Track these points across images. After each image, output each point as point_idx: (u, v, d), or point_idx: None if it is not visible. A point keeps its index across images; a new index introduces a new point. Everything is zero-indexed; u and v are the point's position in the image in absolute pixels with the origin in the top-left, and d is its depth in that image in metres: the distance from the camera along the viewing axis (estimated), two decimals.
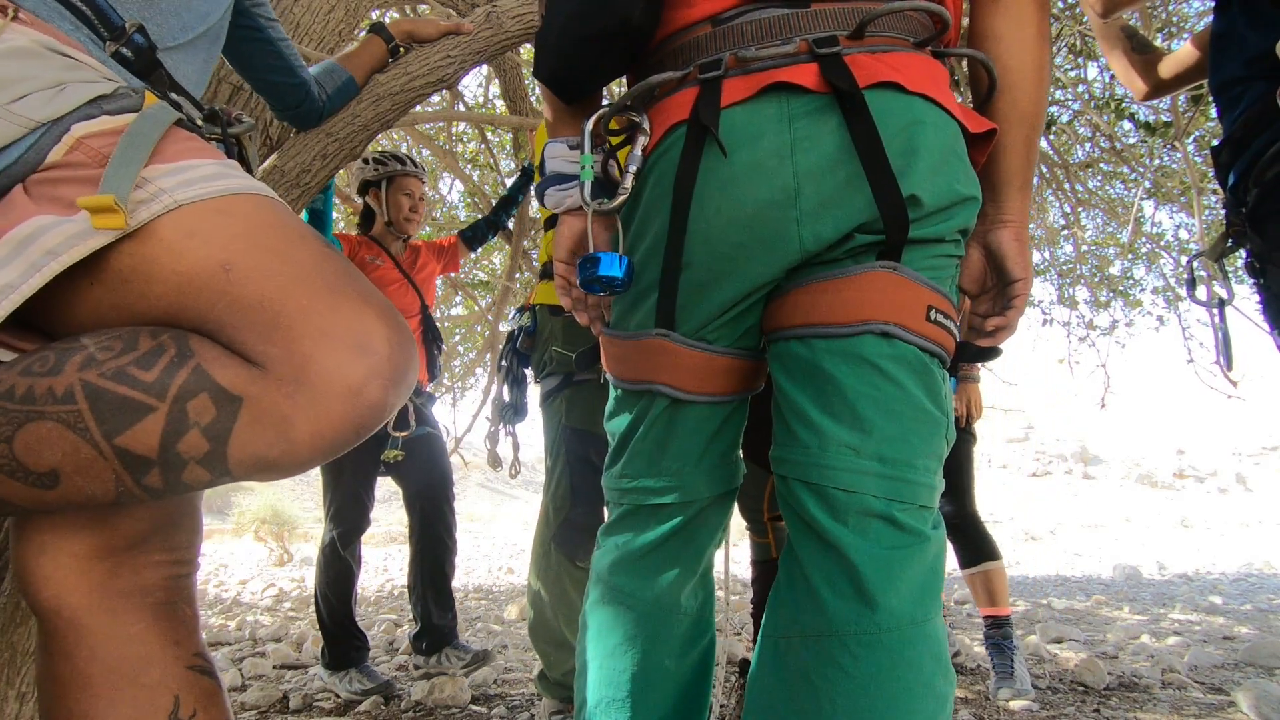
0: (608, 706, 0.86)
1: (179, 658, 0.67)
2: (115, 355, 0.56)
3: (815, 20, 0.79)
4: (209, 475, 0.58)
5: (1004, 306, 0.89)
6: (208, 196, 0.60)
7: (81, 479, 0.56)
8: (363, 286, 0.62)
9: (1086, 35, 3.53)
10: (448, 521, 2.53)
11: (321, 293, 0.58)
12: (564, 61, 0.88)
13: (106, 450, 0.55)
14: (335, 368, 0.56)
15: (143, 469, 0.56)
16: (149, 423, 0.55)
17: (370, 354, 0.58)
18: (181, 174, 0.60)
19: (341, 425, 0.57)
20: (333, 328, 0.57)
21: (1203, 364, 3.95)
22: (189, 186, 0.59)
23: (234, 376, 0.56)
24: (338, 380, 0.56)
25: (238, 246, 0.58)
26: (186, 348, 0.57)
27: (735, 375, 0.88)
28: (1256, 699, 1.92)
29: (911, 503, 0.75)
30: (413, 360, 0.62)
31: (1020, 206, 0.87)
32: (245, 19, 1.28)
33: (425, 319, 2.69)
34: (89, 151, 0.59)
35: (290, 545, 10.93)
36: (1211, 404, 13.68)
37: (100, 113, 0.61)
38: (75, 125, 0.59)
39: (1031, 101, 0.84)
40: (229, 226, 0.59)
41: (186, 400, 0.56)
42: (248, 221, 0.60)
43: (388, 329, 0.60)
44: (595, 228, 0.91)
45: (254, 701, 2.20)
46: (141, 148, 0.58)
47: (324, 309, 0.57)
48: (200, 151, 0.63)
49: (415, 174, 2.69)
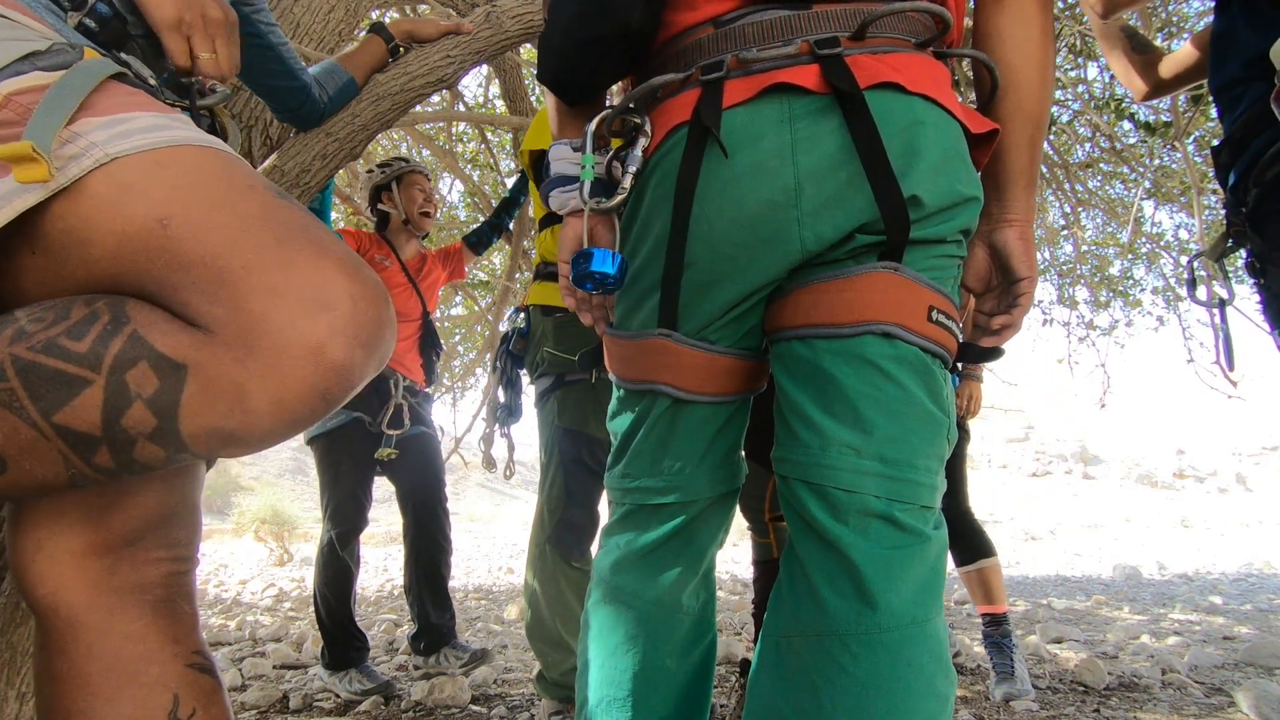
0: (609, 705, 0.86)
1: (178, 655, 0.66)
2: (46, 326, 0.52)
3: (817, 21, 0.79)
4: (164, 452, 0.54)
5: (1009, 305, 0.89)
6: (144, 149, 0.55)
7: (28, 462, 0.53)
8: (320, 236, 0.57)
9: (1086, 35, 3.53)
10: (441, 522, 2.53)
11: (270, 245, 0.53)
12: (566, 64, 0.88)
13: (46, 429, 0.52)
14: (289, 327, 0.51)
15: (89, 448, 0.53)
16: (87, 397, 0.51)
17: (329, 309, 0.53)
18: (115, 126, 0.56)
19: (303, 391, 0.52)
20: (284, 283, 0.52)
21: (1203, 364, 3.96)
22: (123, 139, 0.55)
23: (176, 342, 0.52)
24: (293, 340, 0.51)
25: (177, 199, 0.54)
26: (122, 314, 0.53)
27: (737, 375, 0.88)
28: (1256, 699, 1.92)
29: (912, 503, 0.75)
30: (382, 316, 0.57)
31: (1025, 205, 0.87)
32: (246, 25, 1.27)
33: (425, 324, 2.71)
34: (17, 108, 0.55)
35: (290, 545, 10.93)
36: (1211, 404, 13.70)
37: (32, 69, 0.57)
38: (3, 82, 0.56)
39: (1036, 101, 0.84)
40: (167, 178, 0.55)
41: (124, 370, 0.52)
42: (189, 173, 0.56)
43: (350, 282, 0.55)
44: (595, 227, 0.91)
45: (254, 701, 2.20)
46: (69, 98, 0.55)
47: (274, 263, 0.53)
48: (140, 105, 0.59)
49: (420, 169, 2.75)
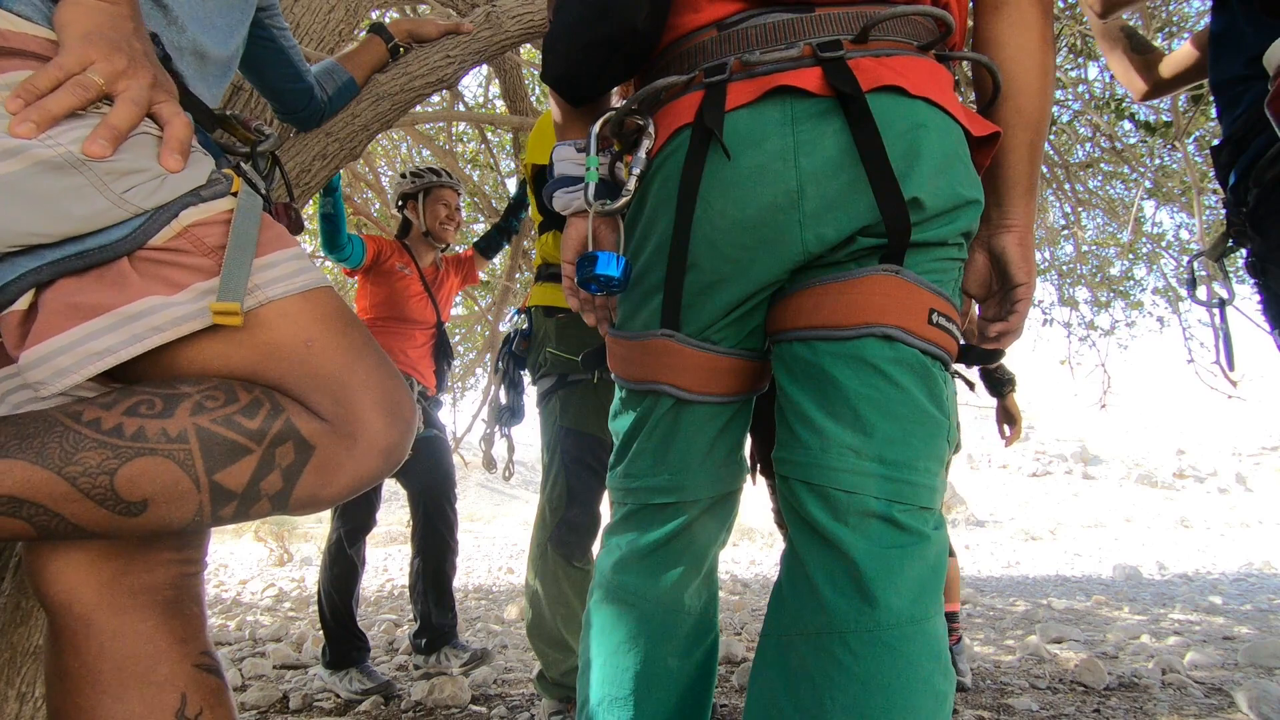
0: (610, 705, 0.86)
1: (186, 656, 0.68)
2: (221, 405, 0.66)
3: (819, 24, 0.79)
4: (270, 508, 0.67)
5: (1007, 311, 0.89)
6: (293, 292, 0.71)
7: (169, 508, 0.63)
8: (392, 365, 0.75)
9: (1086, 35, 3.53)
10: (449, 521, 2.55)
11: (374, 369, 0.71)
12: (570, 65, 0.88)
13: (204, 483, 0.64)
14: (381, 429, 0.69)
15: (225, 501, 0.65)
16: (245, 463, 0.65)
17: (403, 420, 0.71)
18: (271, 270, 0.70)
19: (373, 473, 0.70)
20: (383, 398, 0.70)
21: (1203, 364, 3.95)
22: (278, 283, 0.70)
23: (311, 429, 0.67)
24: (382, 439, 0.69)
25: (316, 328, 0.70)
26: (278, 402, 0.67)
27: (739, 376, 0.88)
28: (1256, 699, 1.92)
29: (912, 504, 0.76)
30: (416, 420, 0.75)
31: (1025, 211, 0.87)
32: (259, 29, 1.29)
33: (439, 332, 2.74)
34: (194, 240, 0.68)
35: (290, 545, 10.92)
36: (1211, 404, 13.72)
37: (199, 200, 0.70)
38: (183, 212, 0.68)
39: (1035, 107, 0.84)
40: (309, 312, 0.71)
41: (277, 446, 0.66)
42: (322, 308, 0.72)
43: (411, 401, 0.74)
44: (599, 229, 0.91)
45: (254, 701, 2.21)
46: (248, 249, 0.69)
47: (376, 382, 0.71)
48: (281, 240, 0.73)
49: (451, 185, 2.80)
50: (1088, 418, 27.88)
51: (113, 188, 0.65)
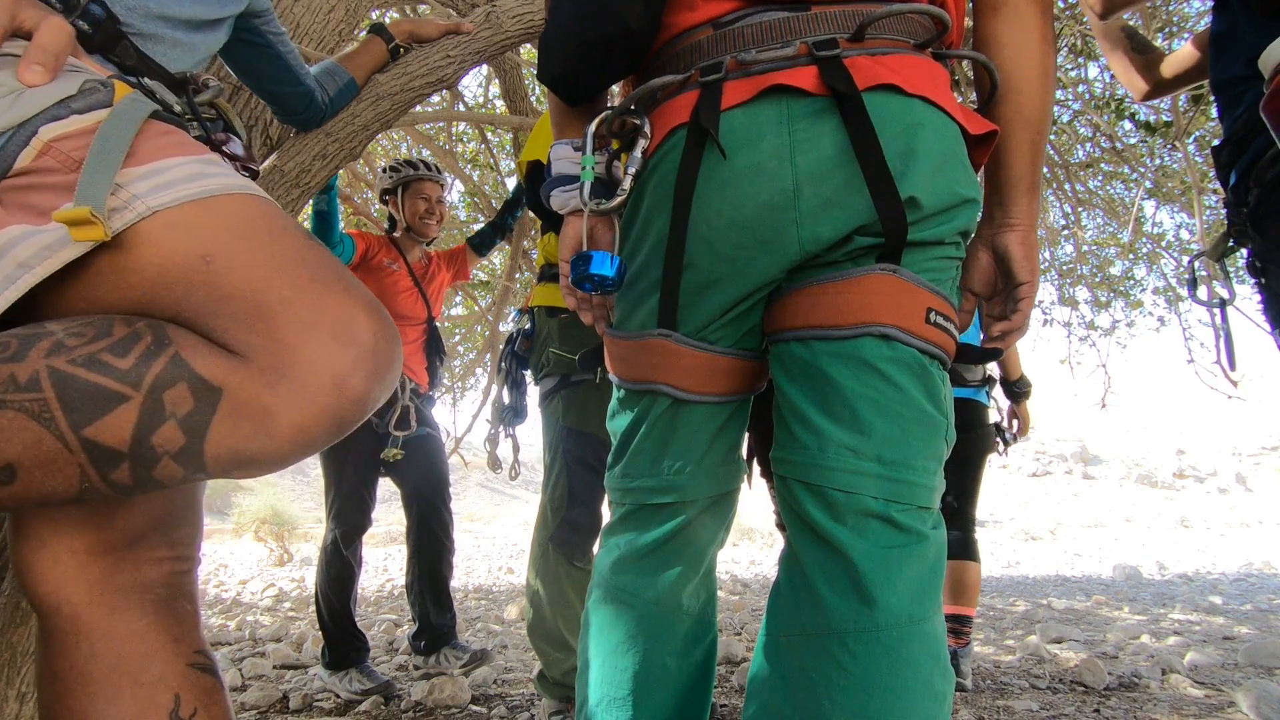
0: (609, 705, 0.86)
1: (180, 655, 0.67)
2: (87, 341, 0.54)
3: (815, 23, 0.79)
4: (182, 471, 0.56)
5: (1010, 309, 0.89)
6: (186, 199, 0.58)
7: (42, 473, 0.53)
8: (347, 278, 0.61)
9: (1086, 35, 3.53)
10: (444, 521, 2.54)
11: (305, 283, 0.57)
12: (566, 65, 0.88)
13: (73, 442, 0.52)
14: (319, 358, 0.55)
15: (111, 463, 0.54)
16: (121, 413, 0.53)
17: (354, 345, 0.57)
18: (156, 176, 0.58)
19: (323, 418, 0.56)
20: (317, 318, 0.56)
21: (1203, 364, 3.95)
22: (164, 190, 0.58)
23: (214, 366, 0.54)
24: (322, 371, 0.55)
25: (219, 239, 0.57)
26: (164, 335, 0.55)
27: (737, 376, 0.88)
28: (1256, 699, 1.92)
29: (910, 503, 0.75)
30: (396, 353, 0.61)
31: (1027, 210, 0.87)
32: (254, 35, 1.28)
33: (430, 328, 2.72)
34: (59, 156, 0.57)
35: (290, 545, 10.92)
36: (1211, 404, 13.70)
37: (68, 112, 0.59)
38: (43, 128, 0.58)
39: (1036, 106, 0.84)
40: (210, 220, 0.58)
41: (163, 390, 0.53)
42: (229, 216, 0.59)
43: (372, 320, 0.59)
44: (595, 228, 0.91)
45: (254, 701, 2.21)
46: (114, 151, 0.57)
47: (308, 299, 0.57)
48: (178, 147, 0.61)
49: (431, 178, 2.74)
50: (1088, 418, 27.89)
51: None
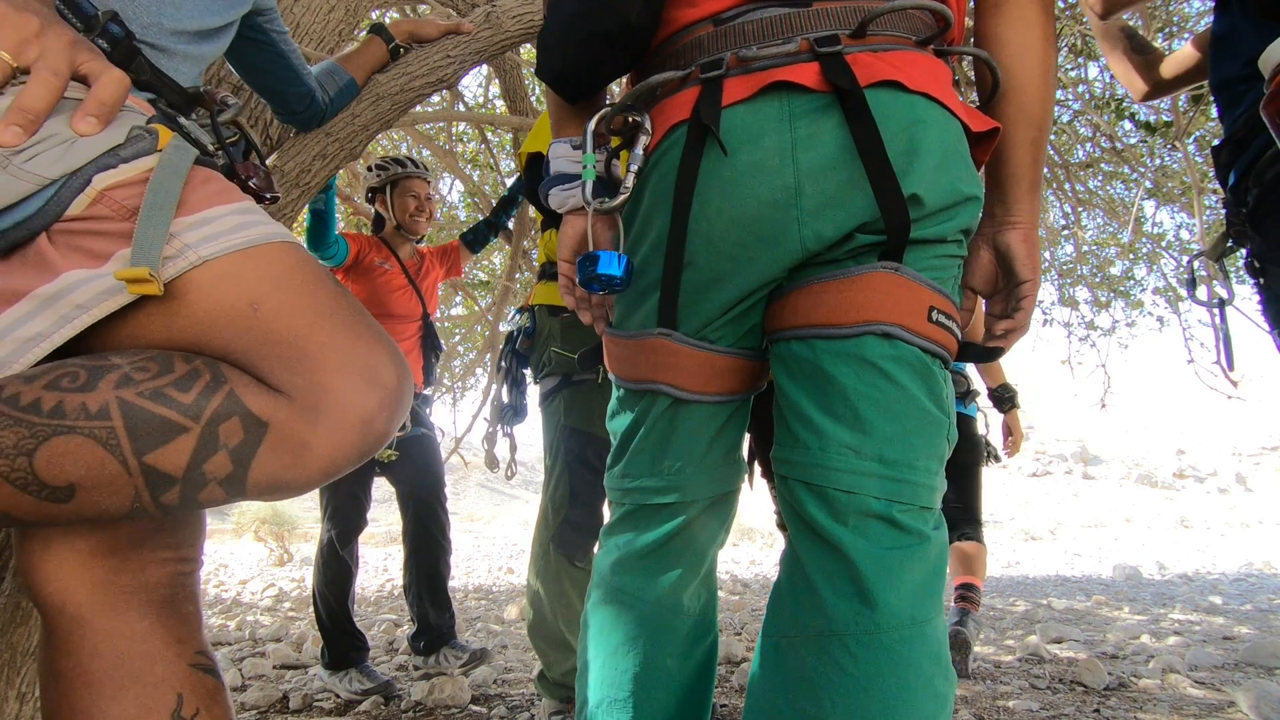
0: (609, 706, 0.86)
1: (182, 655, 0.67)
2: (152, 377, 0.58)
3: (817, 19, 0.79)
4: (224, 495, 0.61)
5: (1013, 308, 0.89)
6: (234, 249, 0.62)
7: (99, 494, 0.57)
8: (373, 324, 0.67)
9: (1086, 35, 3.53)
10: (440, 521, 2.53)
11: (340, 330, 0.63)
12: (566, 62, 0.88)
13: (134, 467, 0.57)
14: (352, 399, 0.61)
15: (164, 487, 0.58)
16: (181, 442, 0.58)
17: (381, 388, 0.63)
18: (205, 226, 0.62)
19: (351, 451, 0.62)
20: (350, 362, 0.62)
21: (1203, 364, 3.95)
22: (213, 241, 0.62)
23: (263, 404, 0.60)
24: (353, 410, 0.61)
25: (264, 288, 0.62)
26: (220, 374, 0.60)
27: (737, 375, 0.88)
28: (1256, 699, 1.92)
29: (912, 504, 0.75)
30: (410, 390, 0.67)
31: (1029, 208, 0.87)
32: (258, 33, 1.29)
33: (426, 325, 2.71)
34: (112, 204, 0.61)
35: (290, 545, 10.91)
36: (1211, 404, 13.71)
37: (118, 161, 0.62)
38: (96, 176, 0.61)
39: (1038, 105, 0.84)
40: (256, 270, 0.63)
41: (219, 423, 0.58)
42: (272, 265, 0.64)
43: (394, 364, 0.65)
44: (597, 227, 0.91)
45: (254, 701, 2.20)
46: (165, 208, 0.60)
47: (343, 345, 0.62)
48: (220, 195, 0.65)
49: (418, 175, 2.71)
50: (1088, 418, 27.90)
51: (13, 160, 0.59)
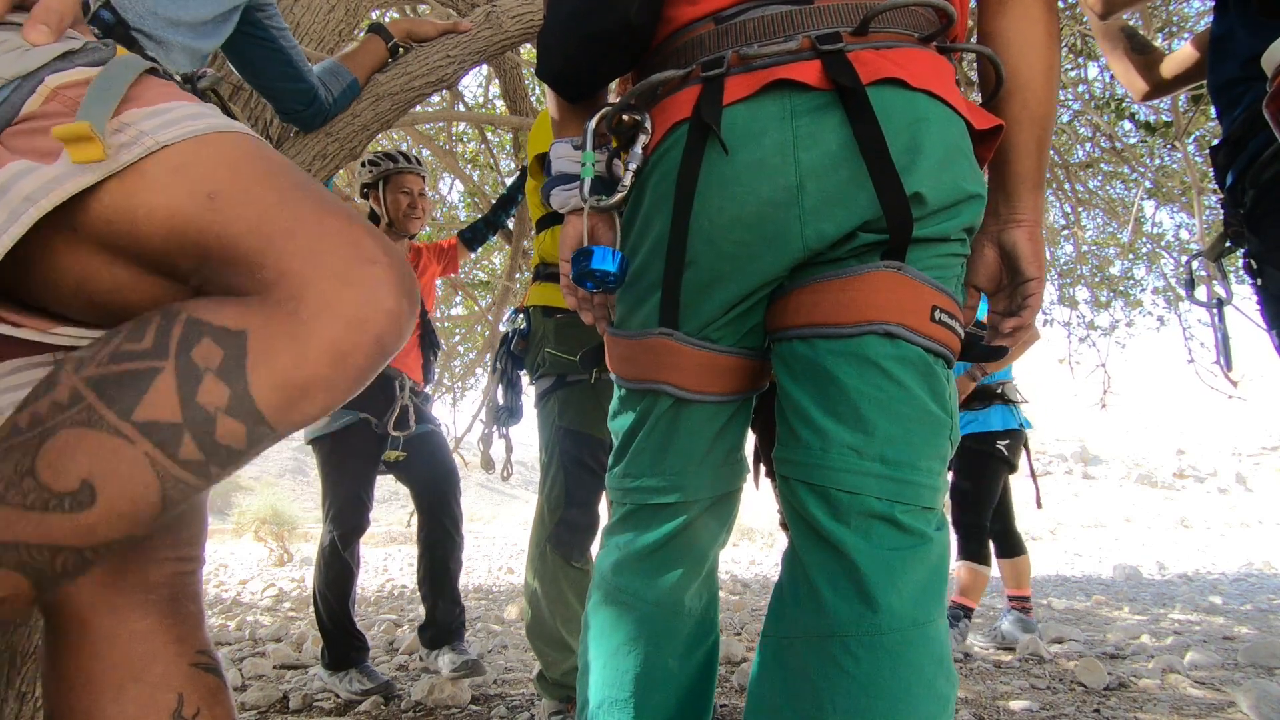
0: (610, 707, 0.86)
1: (183, 655, 0.67)
2: (103, 344, 0.55)
3: (818, 16, 0.78)
4: (243, 425, 0.55)
5: (1019, 306, 0.89)
6: (189, 136, 0.59)
7: (118, 482, 0.53)
8: (348, 208, 0.62)
9: (1086, 35, 3.53)
10: (455, 515, 2.50)
11: (306, 210, 0.58)
12: (566, 61, 0.88)
13: (129, 430, 0.53)
14: (332, 286, 0.55)
15: (173, 440, 0.53)
16: (160, 385, 0.53)
17: (373, 262, 0.57)
18: (160, 115, 0.60)
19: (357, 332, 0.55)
20: (323, 244, 0.56)
21: (1203, 364, 3.95)
22: (170, 127, 0.59)
23: (230, 314, 0.55)
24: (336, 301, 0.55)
25: (221, 175, 0.58)
26: (172, 309, 0.56)
27: (739, 374, 0.88)
28: (1256, 699, 1.92)
29: (914, 504, 0.75)
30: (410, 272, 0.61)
31: (1033, 206, 0.87)
32: (257, 29, 1.28)
33: (424, 323, 2.70)
34: (64, 100, 0.59)
35: (290, 545, 10.91)
36: (1211, 404, 13.71)
37: (73, 65, 0.61)
38: (49, 76, 0.59)
39: (1042, 103, 0.84)
40: (212, 156, 0.59)
41: (189, 350, 0.54)
42: (229, 151, 0.60)
43: (381, 240, 0.60)
44: (595, 225, 0.91)
45: (254, 701, 2.20)
46: (114, 87, 0.58)
47: (312, 227, 0.57)
48: (177, 95, 0.63)
49: (411, 170, 2.66)
50: (1088, 418, 27.90)
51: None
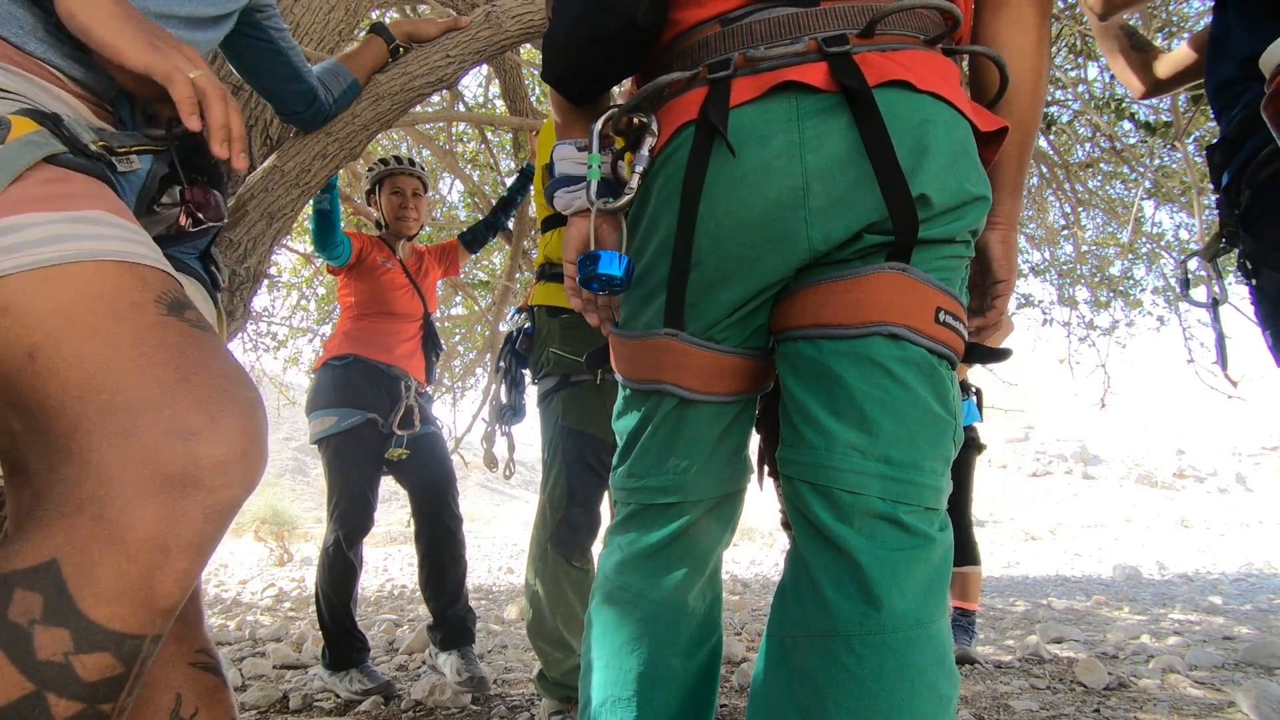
0: (613, 706, 0.86)
1: (181, 654, 0.66)
2: None
3: (824, 19, 0.79)
4: (106, 652, 0.49)
5: (986, 306, 0.91)
6: (30, 267, 0.51)
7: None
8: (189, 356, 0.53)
9: (1086, 35, 3.53)
10: (455, 514, 2.50)
11: (131, 378, 0.50)
12: (571, 64, 0.88)
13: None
14: (144, 461, 0.49)
15: (40, 712, 0.47)
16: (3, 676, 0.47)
17: (188, 434, 0.50)
18: (6, 236, 0.52)
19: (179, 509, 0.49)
20: (140, 418, 0.49)
21: (1203, 364, 3.96)
22: (8, 255, 0.51)
23: (29, 548, 0.48)
24: (149, 472, 0.49)
25: (51, 326, 0.50)
26: None
27: (743, 375, 0.88)
28: (1256, 699, 1.92)
29: (917, 505, 0.75)
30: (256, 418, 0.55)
31: (1010, 209, 0.89)
32: (256, 30, 1.28)
33: (426, 324, 2.71)
34: None
35: (290, 545, 10.91)
36: (1211, 404, 13.74)
37: None
38: None
39: (1027, 109, 0.86)
40: (50, 300, 0.51)
41: (3, 613, 0.48)
42: (72, 293, 0.52)
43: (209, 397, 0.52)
44: (601, 227, 0.91)
45: (254, 701, 2.20)
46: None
47: (131, 395, 0.50)
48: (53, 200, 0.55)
49: (404, 171, 2.69)
50: (1088, 418, 27.91)
51: None
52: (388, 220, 2.69)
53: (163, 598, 0.50)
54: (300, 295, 5.70)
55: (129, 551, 0.48)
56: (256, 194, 1.57)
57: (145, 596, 0.49)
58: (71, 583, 0.48)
